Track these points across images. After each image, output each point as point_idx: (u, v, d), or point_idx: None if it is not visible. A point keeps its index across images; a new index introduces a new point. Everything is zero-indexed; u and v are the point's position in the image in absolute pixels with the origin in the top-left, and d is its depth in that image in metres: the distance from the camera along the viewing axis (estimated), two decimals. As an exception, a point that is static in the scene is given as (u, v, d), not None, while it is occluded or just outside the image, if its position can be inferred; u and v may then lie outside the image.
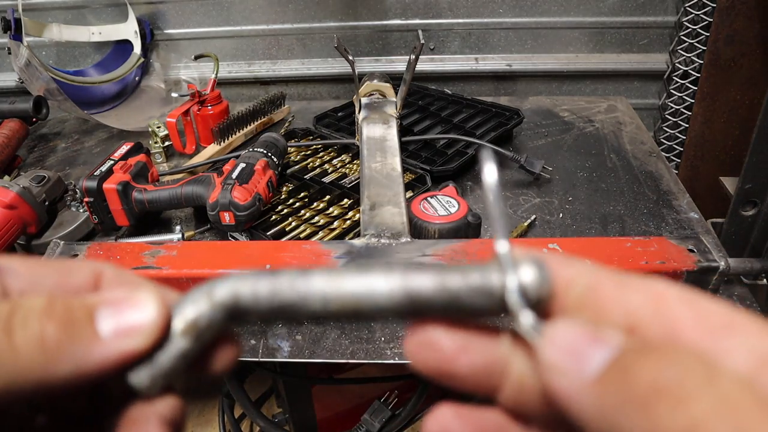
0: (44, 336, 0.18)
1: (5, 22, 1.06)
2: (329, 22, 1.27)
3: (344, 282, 0.20)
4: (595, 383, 0.16)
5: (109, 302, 0.20)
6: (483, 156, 0.21)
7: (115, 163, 0.78)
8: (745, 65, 1.14)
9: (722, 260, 0.61)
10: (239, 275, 0.21)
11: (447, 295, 0.20)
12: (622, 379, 0.16)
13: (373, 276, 0.20)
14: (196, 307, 0.20)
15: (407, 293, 0.20)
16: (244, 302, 0.20)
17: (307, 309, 0.20)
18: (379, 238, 0.62)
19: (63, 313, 0.19)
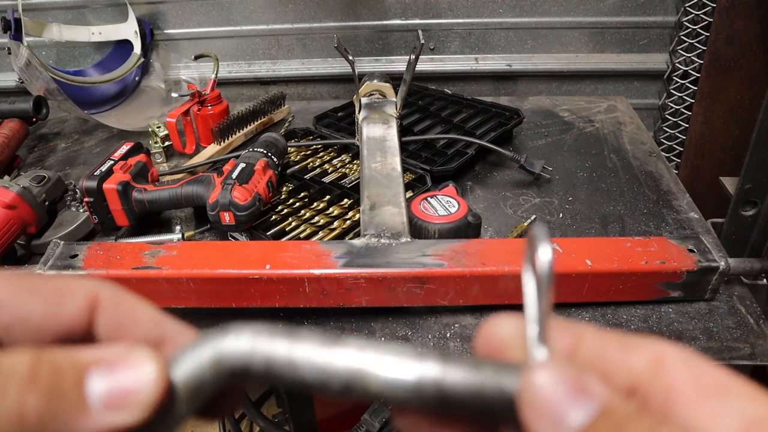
0: (24, 409, 0.16)
1: (5, 22, 1.06)
2: (329, 22, 1.27)
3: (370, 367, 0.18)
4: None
5: (101, 363, 0.17)
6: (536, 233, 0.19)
7: (115, 163, 0.78)
8: (745, 65, 1.14)
9: (722, 260, 0.61)
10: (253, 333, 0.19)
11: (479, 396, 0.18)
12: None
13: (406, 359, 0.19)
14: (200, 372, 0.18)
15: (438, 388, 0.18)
16: (255, 371, 0.18)
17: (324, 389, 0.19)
18: (379, 238, 0.62)
19: (48, 379, 0.16)
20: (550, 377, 0.17)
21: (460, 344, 0.62)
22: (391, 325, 0.64)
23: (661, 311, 0.64)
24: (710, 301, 0.65)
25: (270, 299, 0.60)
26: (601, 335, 0.20)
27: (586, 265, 0.60)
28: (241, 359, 0.18)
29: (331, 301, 0.61)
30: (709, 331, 0.62)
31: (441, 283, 0.59)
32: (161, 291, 0.60)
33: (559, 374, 0.17)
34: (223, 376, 0.18)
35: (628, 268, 0.60)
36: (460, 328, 0.63)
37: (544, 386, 0.17)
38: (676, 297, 0.64)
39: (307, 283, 0.59)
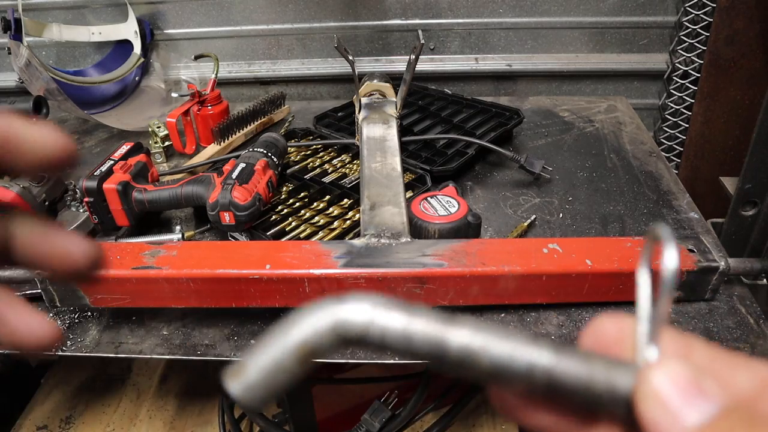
0: None
1: (5, 22, 1.06)
2: (329, 22, 1.27)
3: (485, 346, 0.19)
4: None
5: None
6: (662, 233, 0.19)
7: (115, 163, 0.78)
8: (745, 65, 1.14)
9: (722, 260, 0.61)
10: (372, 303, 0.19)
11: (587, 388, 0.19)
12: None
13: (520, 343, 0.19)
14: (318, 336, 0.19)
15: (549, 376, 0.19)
16: (371, 339, 0.19)
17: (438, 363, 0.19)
18: (379, 238, 0.62)
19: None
20: (670, 375, 0.18)
21: (460, 344, 0.61)
22: (391, 325, 0.64)
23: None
24: (710, 301, 0.65)
25: (270, 299, 0.60)
26: (710, 349, 0.20)
27: (586, 265, 0.60)
28: (358, 328, 0.19)
29: (331, 301, 0.60)
30: (709, 331, 0.62)
31: (441, 283, 0.59)
32: (161, 291, 0.60)
33: (678, 372, 0.18)
34: (338, 341, 0.19)
35: (628, 268, 0.60)
36: (460, 328, 0.63)
37: (664, 382, 0.18)
38: (676, 297, 0.64)
39: (307, 283, 0.59)
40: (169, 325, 0.66)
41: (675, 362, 0.18)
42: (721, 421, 0.17)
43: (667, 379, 0.18)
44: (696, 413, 0.17)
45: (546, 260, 0.60)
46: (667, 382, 0.18)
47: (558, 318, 0.64)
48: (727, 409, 0.17)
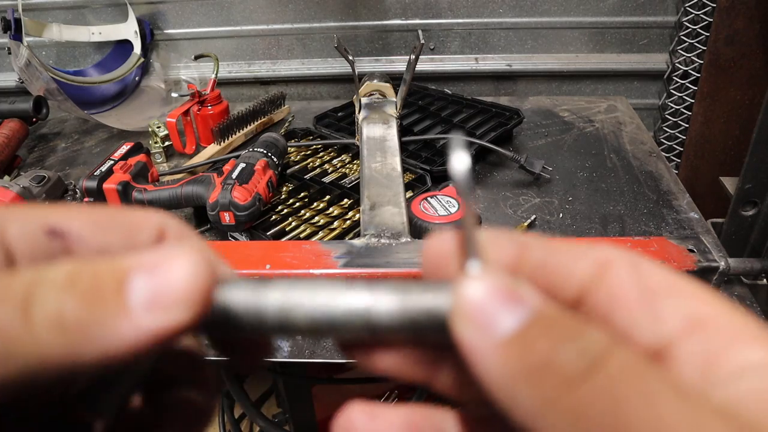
0: (63, 314, 0.15)
1: (5, 22, 1.06)
2: (329, 22, 1.27)
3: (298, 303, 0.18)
4: (501, 346, 0.16)
5: (143, 266, 0.16)
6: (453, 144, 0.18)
7: (115, 163, 0.78)
8: (745, 65, 1.14)
9: (722, 260, 0.62)
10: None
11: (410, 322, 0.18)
12: (524, 349, 0.15)
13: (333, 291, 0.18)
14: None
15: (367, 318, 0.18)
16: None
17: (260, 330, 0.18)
18: (379, 238, 0.62)
19: (87, 283, 0.16)
20: (481, 287, 0.16)
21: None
22: (391, 325, 0.64)
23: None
24: (710, 301, 0.65)
25: (270, 299, 0.60)
26: (547, 244, 0.19)
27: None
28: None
29: (331, 301, 0.61)
30: (709, 331, 0.62)
31: (441, 283, 0.59)
32: (161, 291, 0.60)
33: (490, 283, 0.17)
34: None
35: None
36: (460, 328, 0.63)
37: (474, 296, 0.16)
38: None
39: (307, 283, 0.59)
40: (169, 325, 0.66)
41: (486, 275, 0.17)
42: (533, 328, 0.16)
43: (476, 292, 0.16)
44: (507, 322, 0.16)
45: (546, 260, 0.60)
46: (477, 295, 0.16)
47: (558, 318, 0.64)
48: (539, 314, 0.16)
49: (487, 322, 0.16)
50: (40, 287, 0.16)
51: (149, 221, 0.20)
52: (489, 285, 0.17)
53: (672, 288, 0.17)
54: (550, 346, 0.15)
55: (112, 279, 0.16)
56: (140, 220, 0.20)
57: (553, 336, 0.15)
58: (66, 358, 0.15)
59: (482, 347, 0.16)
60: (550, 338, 0.15)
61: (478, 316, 0.16)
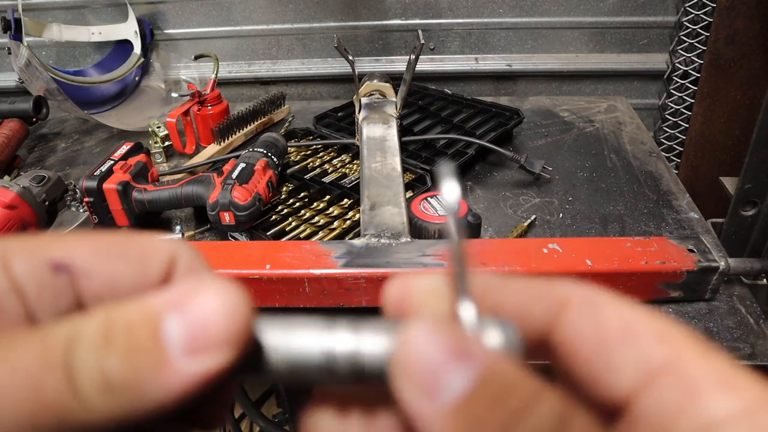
0: (106, 374, 0.15)
1: (5, 22, 1.06)
2: (329, 22, 1.27)
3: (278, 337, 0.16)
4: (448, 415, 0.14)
5: (173, 305, 0.16)
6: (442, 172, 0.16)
7: (115, 163, 0.78)
8: (745, 65, 1.14)
9: (722, 260, 0.61)
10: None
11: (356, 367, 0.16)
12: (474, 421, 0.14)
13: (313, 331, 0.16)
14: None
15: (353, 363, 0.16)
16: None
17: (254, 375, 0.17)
18: (379, 238, 0.62)
19: (123, 336, 0.15)
20: (424, 335, 0.15)
21: (460, 344, 0.61)
22: (391, 325, 0.64)
23: (661, 311, 0.64)
24: (710, 301, 0.65)
25: (270, 299, 0.60)
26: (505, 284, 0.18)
27: (586, 265, 0.60)
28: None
29: (331, 301, 0.61)
30: (709, 331, 0.62)
31: (441, 283, 0.59)
32: (161, 291, 0.60)
33: (434, 332, 0.15)
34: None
35: (628, 268, 0.60)
36: (460, 328, 0.63)
37: (417, 345, 0.15)
38: (676, 297, 0.64)
39: (307, 283, 0.59)
40: (169, 325, 0.66)
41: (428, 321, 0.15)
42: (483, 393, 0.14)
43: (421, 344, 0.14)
44: (454, 385, 0.14)
45: (546, 260, 0.60)
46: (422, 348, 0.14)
47: (558, 318, 0.64)
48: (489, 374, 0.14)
49: (432, 381, 0.14)
50: (78, 348, 0.15)
51: (159, 249, 0.19)
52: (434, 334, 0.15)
53: (630, 331, 0.15)
54: (502, 423, 0.14)
55: (145, 326, 0.15)
56: (150, 248, 0.19)
57: (506, 408, 0.14)
58: (115, 416, 0.15)
59: (428, 414, 0.14)
60: (502, 411, 0.14)
61: (421, 372, 0.14)
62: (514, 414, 0.14)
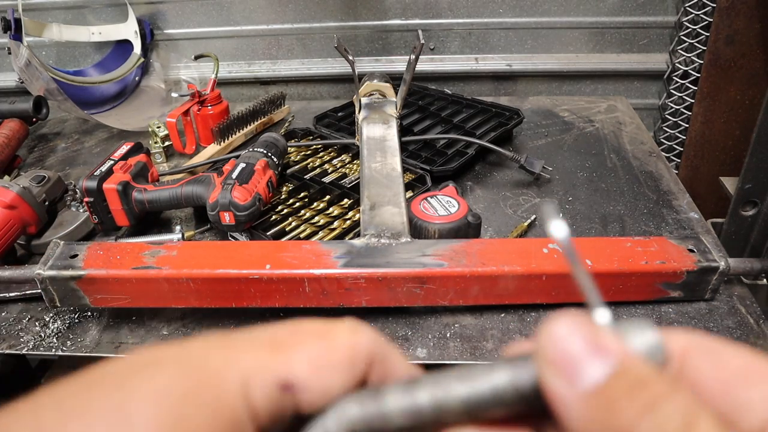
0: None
1: (5, 22, 1.06)
2: (329, 22, 1.27)
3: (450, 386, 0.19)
4: (585, 399, 0.16)
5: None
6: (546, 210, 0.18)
7: (115, 163, 0.78)
8: (745, 65, 1.14)
9: (722, 260, 0.61)
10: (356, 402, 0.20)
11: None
12: (606, 407, 0.15)
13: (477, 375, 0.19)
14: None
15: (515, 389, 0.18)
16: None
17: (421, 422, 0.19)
18: (379, 238, 0.62)
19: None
20: (567, 329, 0.17)
21: (460, 344, 0.61)
22: (391, 325, 0.64)
23: (661, 311, 0.64)
24: (710, 301, 0.65)
25: (270, 299, 0.60)
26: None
27: (586, 265, 0.60)
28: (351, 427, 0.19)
29: (331, 301, 0.61)
30: (709, 331, 0.62)
31: (441, 283, 0.59)
32: (161, 291, 0.60)
33: (576, 327, 0.17)
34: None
35: (628, 268, 0.60)
36: (460, 328, 0.63)
37: (560, 338, 0.17)
38: (676, 297, 0.64)
39: (307, 283, 0.59)
40: (169, 325, 0.66)
41: (571, 318, 0.17)
42: (612, 383, 0.16)
43: (562, 338, 0.16)
44: (592, 373, 0.16)
45: (546, 260, 0.60)
46: (562, 341, 0.16)
47: (558, 318, 0.64)
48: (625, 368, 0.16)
49: (573, 369, 0.16)
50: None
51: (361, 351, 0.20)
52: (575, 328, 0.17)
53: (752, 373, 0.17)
54: (633, 414, 0.15)
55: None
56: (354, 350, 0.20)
57: (639, 400, 0.15)
58: None
59: (567, 396, 0.16)
60: (635, 401, 0.15)
61: (563, 360, 0.16)
62: (645, 406, 0.15)
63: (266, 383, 0.19)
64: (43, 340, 0.64)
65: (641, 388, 0.15)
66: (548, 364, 0.17)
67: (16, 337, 0.64)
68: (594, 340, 0.16)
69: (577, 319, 0.17)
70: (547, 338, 0.17)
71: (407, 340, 0.62)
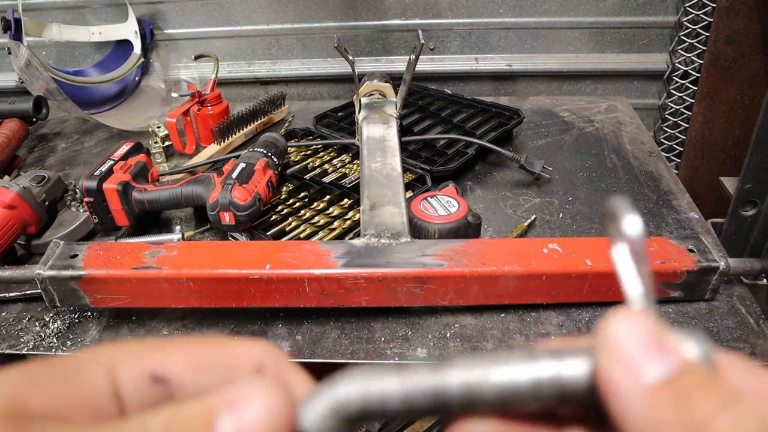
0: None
1: (5, 22, 1.06)
2: (329, 22, 1.27)
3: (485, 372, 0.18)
4: (649, 392, 0.16)
5: (226, 405, 0.18)
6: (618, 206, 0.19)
7: (115, 163, 0.78)
8: (745, 65, 1.14)
9: (722, 260, 0.61)
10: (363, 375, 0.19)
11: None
12: (678, 401, 0.16)
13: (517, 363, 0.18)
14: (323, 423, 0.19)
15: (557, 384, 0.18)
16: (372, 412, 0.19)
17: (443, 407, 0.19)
18: (379, 238, 0.62)
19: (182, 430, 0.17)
20: (630, 326, 0.17)
21: (460, 344, 0.62)
22: (391, 325, 0.64)
23: (661, 311, 0.64)
24: (710, 301, 0.65)
25: (270, 299, 0.60)
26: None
27: (586, 265, 0.60)
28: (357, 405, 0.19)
29: (331, 301, 0.61)
30: (709, 331, 0.62)
31: (441, 283, 0.59)
32: (161, 291, 0.60)
33: (638, 325, 0.17)
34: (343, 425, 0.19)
35: (628, 268, 0.60)
36: (460, 328, 0.63)
37: (623, 333, 0.17)
38: (676, 297, 0.64)
39: (307, 283, 0.59)
40: (169, 325, 0.66)
41: (635, 314, 0.17)
42: (681, 379, 0.16)
43: (625, 331, 0.17)
44: (656, 368, 0.16)
45: (546, 260, 0.60)
46: (626, 334, 0.17)
47: (558, 318, 0.64)
48: (690, 368, 0.16)
49: (635, 364, 0.17)
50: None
51: (248, 358, 0.20)
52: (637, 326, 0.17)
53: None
54: (712, 408, 0.15)
55: (202, 423, 0.17)
56: (239, 358, 0.20)
57: (714, 395, 0.16)
58: None
59: (629, 387, 0.16)
60: (711, 397, 0.16)
61: (627, 354, 0.17)
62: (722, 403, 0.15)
63: (134, 372, 0.19)
64: (43, 340, 0.64)
65: (715, 385, 0.16)
66: (612, 356, 0.17)
67: (16, 337, 0.65)
68: (658, 339, 0.17)
69: (640, 318, 0.17)
70: (611, 332, 0.17)
71: (407, 340, 0.62)
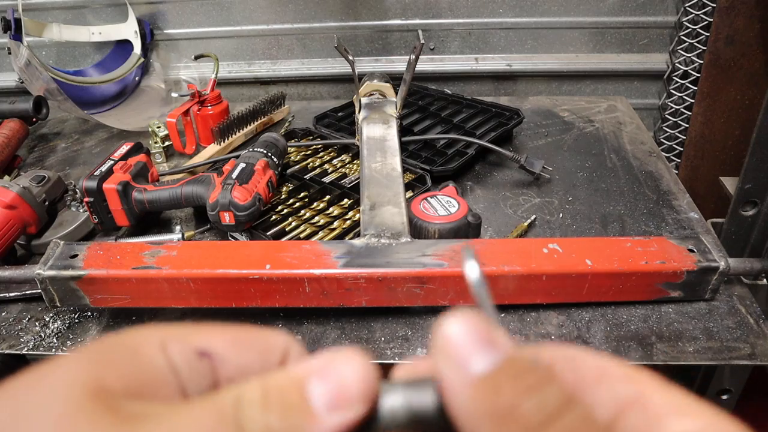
0: (269, 427, 0.18)
1: (5, 22, 1.06)
2: (329, 22, 1.27)
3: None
4: (473, 385, 0.18)
5: (315, 372, 0.19)
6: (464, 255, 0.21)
7: (115, 163, 0.78)
8: (745, 65, 1.14)
9: (722, 260, 0.61)
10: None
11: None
12: (493, 390, 0.17)
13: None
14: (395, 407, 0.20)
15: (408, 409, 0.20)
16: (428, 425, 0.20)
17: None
18: (379, 238, 0.62)
19: (278, 398, 0.19)
20: (461, 326, 0.19)
21: (460, 344, 0.61)
22: (391, 325, 0.64)
23: (661, 311, 0.64)
24: (710, 301, 0.65)
25: (270, 299, 0.60)
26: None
27: (586, 265, 0.60)
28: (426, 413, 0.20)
29: (331, 301, 0.61)
30: (709, 331, 0.62)
31: (441, 283, 0.59)
32: (161, 291, 0.60)
33: (468, 324, 0.19)
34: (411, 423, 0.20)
35: (628, 268, 0.60)
36: (460, 328, 0.63)
37: (454, 333, 0.19)
38: (676, 297, 0.64)
39: (307, 283, 0.59)
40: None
41: (465, 314, 0.19)
42: (500, 370, 0.18)
43: (456, 330, 0.19)
44: (482, 362, 0.18)
45: (546, 260, 0.60)
46: (456, 333, 0.19)
47: (558, 318, 0.64)
48: (510, 360, 0.18)
49: (463, 359, 0.18)
50: (245, 408, 0.18)
51: (278, 342, 0.23)
52: (467, 325, 0.19)
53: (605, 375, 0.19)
54: (515, 394, 0.17)
55: (295, 389, 0.19)
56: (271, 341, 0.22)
57: (520, 384, 0.17)
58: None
59: (457, 383, 0.18)
60: (517, 386, 0.17)
61: (455, 352, 0.18)
62: (529, 388, 0.17)
63: (184, 348, 0.21)
64: (43, 340, 0.64)
65: (526, 374, 0.18)
66: (443, 355, 0.19)
67: (16, 337, 0.65)
68: (485, 336, 0.19)
69: (470, 317, 0.19)
70: (443, 332, 0.19)
71: (407, 340, 0.62)
